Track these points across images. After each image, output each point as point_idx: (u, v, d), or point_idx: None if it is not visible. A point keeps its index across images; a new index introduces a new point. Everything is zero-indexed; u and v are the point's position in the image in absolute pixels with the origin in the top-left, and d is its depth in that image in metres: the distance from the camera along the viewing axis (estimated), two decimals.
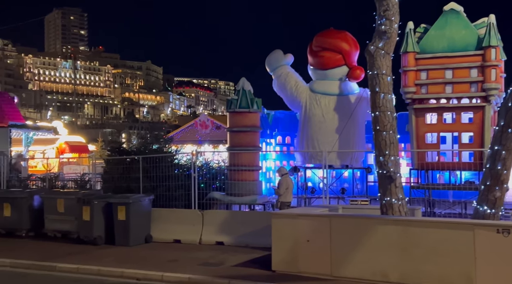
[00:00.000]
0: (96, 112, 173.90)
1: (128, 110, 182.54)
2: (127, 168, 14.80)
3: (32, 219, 12.86)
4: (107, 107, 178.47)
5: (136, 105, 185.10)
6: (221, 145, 29.94)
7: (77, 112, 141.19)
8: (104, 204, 11.98)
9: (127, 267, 9.63)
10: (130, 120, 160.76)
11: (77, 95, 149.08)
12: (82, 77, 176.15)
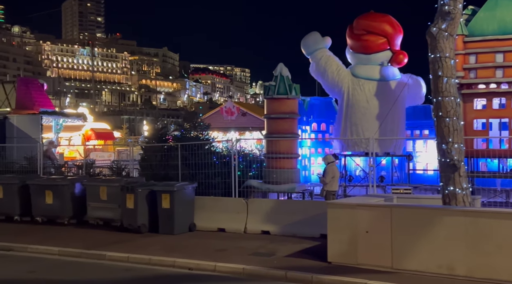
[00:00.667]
0: (113, 99, 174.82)
1: (145, 97, 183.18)
2: (165, 155, 14.64)
3: (74, 207, 12.78)
4: (124, 94, 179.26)
5: (153, 92, 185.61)
6: (247, 132, 29.71)
7: (95, 99, 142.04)
8: (147, 192, 11.83)
9: (177, 256, 9.46)
10: (148, 107, 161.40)
11: (94, 82, 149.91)
12: (100, 64, 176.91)
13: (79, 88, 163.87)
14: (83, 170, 16.07)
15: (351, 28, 16.36)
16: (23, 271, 8.80)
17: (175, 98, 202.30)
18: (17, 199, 13.03)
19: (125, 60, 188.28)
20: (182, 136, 15.08)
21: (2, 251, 10.54)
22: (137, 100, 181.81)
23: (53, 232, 12.09)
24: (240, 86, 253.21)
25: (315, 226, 10.81)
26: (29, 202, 13.09)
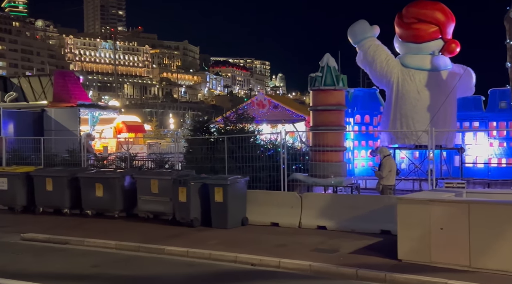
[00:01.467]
0: (135, 92, 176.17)
1: (166, 90, 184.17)
2: (211, 148, 14.44)
3: (123, 200, 12.67)
4: (145, 87, 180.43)
5: (174, 85, 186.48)
6: (279, 124, 29.42)
7: (117, 93, 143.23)
8: (200, 185, 11.64)
9: (237, 251, 9.23)
10: (169, 100, 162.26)
11: (117, 75, 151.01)
12: (121, 58, 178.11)
13: (102, 82, 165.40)
14: (126, 163, 15.98)
15: (400, 16, 15.86)
16: (86, 266, 8.68)
17: (196, 91, 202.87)
18: (67, 192, 12.98)
19: (146, 54, 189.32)
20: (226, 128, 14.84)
21: (59, 244, 10.47)
22: (158, 93, 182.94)
23: (104, 225, 12.00)
24: (260, 78, 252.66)
25: (375, 221, 10.49)
26: (78, 195, 13.02)
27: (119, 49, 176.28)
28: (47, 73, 26.90)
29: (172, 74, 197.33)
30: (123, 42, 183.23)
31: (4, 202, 13.68)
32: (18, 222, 12.46)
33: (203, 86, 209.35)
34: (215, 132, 15.31)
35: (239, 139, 13.95)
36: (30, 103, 23.29)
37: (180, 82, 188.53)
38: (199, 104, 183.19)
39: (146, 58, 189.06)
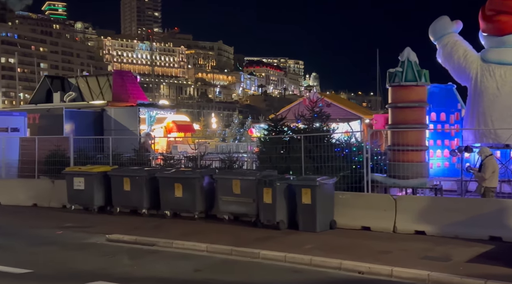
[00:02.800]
0: (171, 93, 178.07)
1: (201, 90, 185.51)
2: (287, 147, 13.94)
3: (203, 201, 12.30)
4: (181, 88, 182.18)
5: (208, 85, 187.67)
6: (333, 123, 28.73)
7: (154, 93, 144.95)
8: (285, 186, 11.14)
9: (340, 257, 8.66)
10: (204, 100, 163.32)
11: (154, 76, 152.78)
12: (158, 58, 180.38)
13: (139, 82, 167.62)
14: (196, 162, 15.64)
15: (483, 9, 14.97)
16: (188, 270, 8.30)
17: (230, 91, 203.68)
18: (145, 192, 12.71)
19: (182, 54, 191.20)
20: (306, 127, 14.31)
21: (147, 246, 10.16)
22: (194, 93, 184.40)
23: (186, 226, 11.65)
24: (294, 78, 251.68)
25: (481, 227, 9.75)
26: (156, 195, 12.74)
27: (156, 50, 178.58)
28: (105, 73, 27.08)
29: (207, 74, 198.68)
30: (159, 43, 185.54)
31: (81, 202, 13.54)
32: (97, 222, 12.26)
33: (237, 86, 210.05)
34: (289, 131, 14.79)
35: (315, 138, 13.41)
36: (90, 102, 23.38)
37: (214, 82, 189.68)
38: (233, 104, 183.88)
39: (181, 58, 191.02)
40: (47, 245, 10.16)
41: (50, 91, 25.62)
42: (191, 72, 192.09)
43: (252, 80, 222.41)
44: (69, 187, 13.56)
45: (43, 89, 25.71)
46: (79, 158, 17.26)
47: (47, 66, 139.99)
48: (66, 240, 10.61)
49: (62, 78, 27.24)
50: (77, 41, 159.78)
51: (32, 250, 9.79)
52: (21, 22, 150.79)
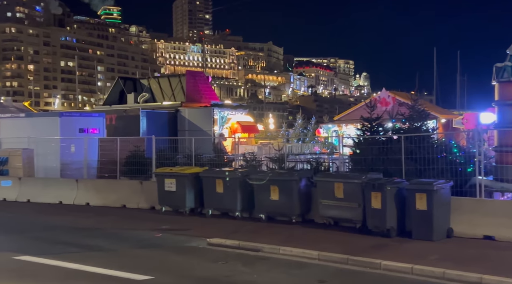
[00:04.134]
0: (222, 94, 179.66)
1: (251, 92, 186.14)
2: (384, 148, 13.15)
3: (300, 204, 11.73)
4: (232, 89, 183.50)
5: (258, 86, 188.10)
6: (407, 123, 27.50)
7: None
8: (396, 190, 10.38)
9: (477, 271, 7.80)
10: (254, 101, 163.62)
11: None
12: (209, 60, 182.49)
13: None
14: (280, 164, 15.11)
15: None
16: (311, 280, 7.73)
17: (280, 91, 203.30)
18: (239, 195, 12.27)
19: (232, 56, 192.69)
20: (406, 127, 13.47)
21: (252, 251, 9.67)
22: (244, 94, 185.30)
23: (285, 231, 11.09)
24: (344, 78, 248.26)
25: None
26: (249, 197, 12.29)
27: (207, 52, 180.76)
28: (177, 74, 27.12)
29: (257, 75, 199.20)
30: (210, 45, 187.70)
31: (172, 203, 13.29)
32: (192, 225, 11.93)
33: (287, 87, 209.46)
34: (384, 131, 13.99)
35: (417, 138, 12.55)
36: (164, 103, 23.41)
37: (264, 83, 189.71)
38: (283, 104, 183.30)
39: (232, 60, 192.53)
40: (150, 248, 9.89)
41: (122, 92, 25.91)
42: (241, 73, 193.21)
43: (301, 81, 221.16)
44: (160, 188, 13.34)
45: (116, 90, 26.05)
46: (158, 159, 17.14)
47: (104, 69, 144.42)
48: (167, 243, 10.32)
49: (135, 79, 27.53)
50: (132, 45, 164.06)
51: (137, 253, 9.54)
52: (79, 26, 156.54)
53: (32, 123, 20.03)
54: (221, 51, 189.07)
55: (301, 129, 36.28)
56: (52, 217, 13.15)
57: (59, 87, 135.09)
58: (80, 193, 15.31)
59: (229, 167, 15.73)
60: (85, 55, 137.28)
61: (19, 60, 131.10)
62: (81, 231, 11.27)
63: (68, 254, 9.00)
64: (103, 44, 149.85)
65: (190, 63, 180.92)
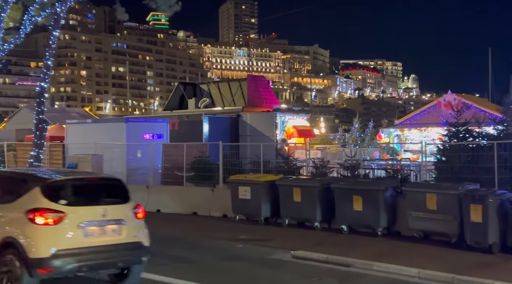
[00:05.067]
0: None
1: (297, 95, 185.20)
2: (473, 156, 12.26)
3: (387, 215, 11.04)
4: (277, 92, 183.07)
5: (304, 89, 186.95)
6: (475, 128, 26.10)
7: None
8: (498, 202, 9.54)
9: None
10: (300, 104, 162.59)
11: None
12: (255, 64, 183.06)
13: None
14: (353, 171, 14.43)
15: None
16: None
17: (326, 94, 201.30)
18: (318, 204, 11.72)
19: (278, 59, 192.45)
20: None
21: (342, 266, 9.09)
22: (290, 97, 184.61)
23: (372, 244, 10.44)
24: (392, 80, 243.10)
25: None
26: (329, 207, 11.71)
27: (253, 56, 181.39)
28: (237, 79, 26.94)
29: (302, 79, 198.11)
30: (256, 49, 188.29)
31: (246, 212, 12.90)
32: (271, 235, 11.47)
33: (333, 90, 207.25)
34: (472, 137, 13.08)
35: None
36: (225, 108, 23.19)
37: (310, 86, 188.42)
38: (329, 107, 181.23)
39: (277, 63, 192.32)
40: (235, 260, 9.49)
41: (182, 98, 25.91)
42: (286, 77, 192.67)
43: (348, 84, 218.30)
44: (233, 196, 12.98)
45: (176, 95, 26.09)
46: (224, 165, 16.84)
47: (153, 74, 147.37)
48: (251, 255, 9.89)
49: (194, 84, 27.53)
50: (180, 50, 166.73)
51: (224, 265, 9.16)
52: (128, 32, 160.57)
53: (98, 128, 20.22)
54: (267, 54, 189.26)
55: (358, 134, 35.29)
56: None
57: (110, 92, 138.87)
58: (151, 200, 15.18)
59: (297, 174, 15.22)
60: (135, 60, 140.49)
61: (72, 66, 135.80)
62: (162, 240, 10.99)
63: (160, 266, 8.72)
64: (152, 49, 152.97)
65: (236, 67, 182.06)
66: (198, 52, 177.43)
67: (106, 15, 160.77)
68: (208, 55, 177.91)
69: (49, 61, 17.73)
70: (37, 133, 18.00)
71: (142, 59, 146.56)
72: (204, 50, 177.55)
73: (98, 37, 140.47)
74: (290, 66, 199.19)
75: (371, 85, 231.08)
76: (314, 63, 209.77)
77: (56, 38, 17.67)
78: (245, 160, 17.37)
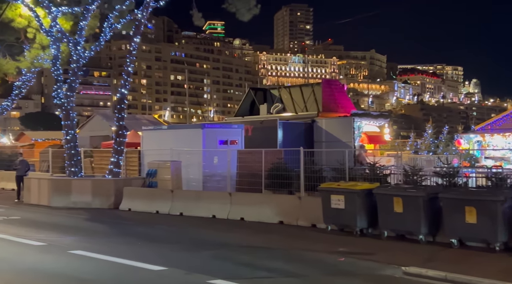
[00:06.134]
0: None
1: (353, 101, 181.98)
2: None
3: (505, 229, 9.95)
4: None
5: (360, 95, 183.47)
6: None
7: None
8: None
9: None
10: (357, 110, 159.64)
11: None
12: (310, 70, 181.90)
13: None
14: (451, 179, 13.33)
15: None
16: None
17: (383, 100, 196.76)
18: (423, 215, 10.78)
19: (334, 65, 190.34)
20: None
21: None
22: None
23: (493, 261, 9.38)
24: (452, 85, 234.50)
25: None
26: (436, 219, 10.75)
27: (308, 63, 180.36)
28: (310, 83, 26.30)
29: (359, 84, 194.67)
30: (311, 55, 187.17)
31: (339, 222, 12.14)
32: (372, 248, 10.64)
33: (390, 95, 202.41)
34: None
35: None
36: (299, 113, 22.55)
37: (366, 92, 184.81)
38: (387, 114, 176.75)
39: (333, 69, 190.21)
40: (344, 276, 8.74)
41: (253, 103, 25.53)
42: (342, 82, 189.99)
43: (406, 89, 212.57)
44: (325, 205, 12.26)
45: (247, 101, 25.76)
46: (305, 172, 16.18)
47: (209, 81, 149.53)
48: (357, 270, 9.12)
49: (265, 89, 27.11)
50: (236, 57, 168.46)
51: (332, 281, 8.45)
52: (186, 41, 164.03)
53: (174, 135, 20.14)
54: (322, 60, 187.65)
55: (432, 139, 33.62)
56: (215, 233, 12.60)
57: (169, 100, 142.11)
58: (233, 207, 14.74)
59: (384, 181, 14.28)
60: (192, 68, 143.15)
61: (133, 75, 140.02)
62: (254, 250, 10.49)
63: (261, 280, 8.15)
64: (209, 57, 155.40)
65: (291, 73, 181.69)
66: (253, 60, 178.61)
67: (165, 25, 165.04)
68: (264, 62, 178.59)
69: (129, 67, 17.80)
70: (117, 140, 18.08)
71: (199, 67, 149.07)
72: (260, 57, 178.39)
73: (158, 47, 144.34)
74: (346, 72, 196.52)
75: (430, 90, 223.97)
76: (371, 69, 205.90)
77: (137, 45, 17.72)
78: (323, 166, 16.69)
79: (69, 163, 18.34)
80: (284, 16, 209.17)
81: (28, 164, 20.70)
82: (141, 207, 16.58)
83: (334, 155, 17.43)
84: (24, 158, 20.84)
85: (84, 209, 16.97)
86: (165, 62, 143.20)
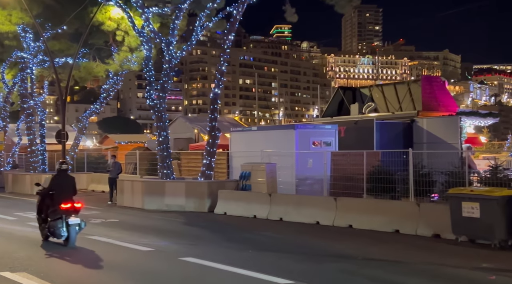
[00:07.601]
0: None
1: None
2: None
3: None
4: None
5: None
6: None
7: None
8: None
9: None
10: None
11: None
12: (380, 72, 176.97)
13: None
14: None
15: None
16: None
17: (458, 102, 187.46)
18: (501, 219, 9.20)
19: (405, 66, 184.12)
20: None
21: None
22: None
23: None
24: None
25: None
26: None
27: (378, 64, 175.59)
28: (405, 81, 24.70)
29: None
30: (381, 56, 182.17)
31: (472, 232, 10.67)
32: None
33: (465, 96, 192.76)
34: None
35: None
36: (396, 113, 21.03)
37: None
38: None
39: (404, 70, 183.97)
40: None
41: (341, 103, 24.28)
42: None
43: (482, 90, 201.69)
44: (454, 213, 10.83)
45: (335, 101, 24.55)
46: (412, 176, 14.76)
47: (277, 85, 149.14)
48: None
49: (354, 89, 25.78)
50: (303, 60, 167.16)
51: None
52: (254, 46, 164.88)
53: (264, 136, 19.34)
54: (393, 61, 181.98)
55: None
56: (325, 242, 11.53)
57: (237, 104, 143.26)
58: (339, 214, 13.61)
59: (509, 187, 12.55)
60: (260, 72, 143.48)
61: (203, 80, 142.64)
62: (382, 264, 9.29)
63: None
64: (277, 61, 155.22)
65: (360, 75, 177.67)
66: (321, 62, 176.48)
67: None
68: (332, 64, 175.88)
69: (223, 66, 17.21)
70: (210, 141, 17.51)
71: (267, 71, 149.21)
72: (328, 59, 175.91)
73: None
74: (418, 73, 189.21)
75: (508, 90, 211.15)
76: (444, 69, 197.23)
77: (231, 43, 17.10)
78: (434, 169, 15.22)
79: (162, 165, 17.99)
80: (353, 18, 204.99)
81: (120, 166, 20.70)
82: (237, 211, 15.85)
83: (439, 157, 15.93)
84: (117, 160, 20.84)
85: (179, 213, 16.50)
86: (234, 66, 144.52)
